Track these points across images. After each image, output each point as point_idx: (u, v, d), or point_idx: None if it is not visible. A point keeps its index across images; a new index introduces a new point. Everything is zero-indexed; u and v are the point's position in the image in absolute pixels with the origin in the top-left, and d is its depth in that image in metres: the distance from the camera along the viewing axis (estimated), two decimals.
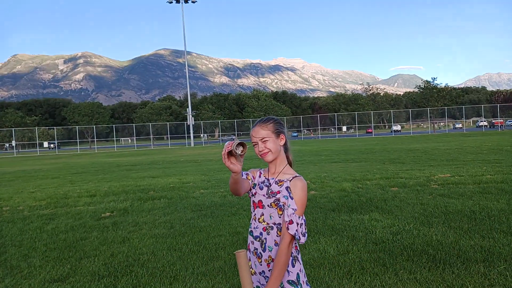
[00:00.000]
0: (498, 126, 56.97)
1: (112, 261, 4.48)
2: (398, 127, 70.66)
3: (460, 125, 68.53)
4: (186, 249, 4.87)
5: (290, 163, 2.05)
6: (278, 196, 1.89)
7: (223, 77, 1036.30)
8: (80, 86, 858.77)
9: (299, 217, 1.81)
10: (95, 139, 60.72)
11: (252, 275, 1.97)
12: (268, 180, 1.98)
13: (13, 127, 65.41)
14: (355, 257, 4.17)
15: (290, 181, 1.90)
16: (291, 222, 1.80)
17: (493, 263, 3.83)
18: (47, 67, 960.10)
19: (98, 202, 8.58)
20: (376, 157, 17.59)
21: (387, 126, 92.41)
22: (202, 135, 65.88)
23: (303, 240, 1.81)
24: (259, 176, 2.04)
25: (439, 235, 4.80)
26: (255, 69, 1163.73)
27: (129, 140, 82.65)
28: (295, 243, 1.91)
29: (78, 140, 57.94)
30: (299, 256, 1.92)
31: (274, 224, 1.89)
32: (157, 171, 15.86)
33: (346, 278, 3.64)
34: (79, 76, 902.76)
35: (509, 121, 66.58)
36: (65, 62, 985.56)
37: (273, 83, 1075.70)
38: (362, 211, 6.34)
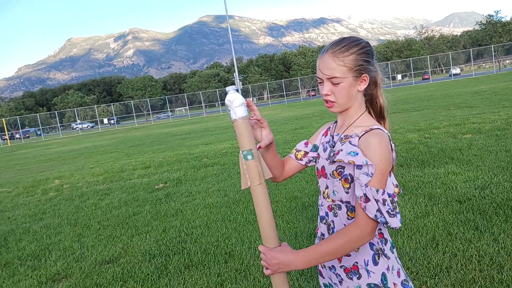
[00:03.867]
0: None
1: (164, 238, 4.20)
2: (457, 70, 65.24)
3: None
4: (241, 219, 4.48)
5: (378, 111, 1.30)
6: (339, 157, 1.21)
7: (267, 38, 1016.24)
8: (132, 62, 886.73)
9: (377, 191, 1.10)
10: (150, 112, 62.55)
11: (322, 268, 1.38)
12: (332, 138, 1.32)
13: (75, 107, 69.39)
14: (438, 220, 3.53)
15: (360, 137, 1.18)
16: (366, 199, 1.11)
17: None
18: (99, 47, 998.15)
19: (152, 174, 8.49)
20: (439, 103, 16.15)
21: (444, 71, 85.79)
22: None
23: (393, 223, 1.10)
24: (325, 135, 1.40)
25: None
26: (299, 25, 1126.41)
27: (183, 110, 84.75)
28: (380, 230, 1.24)
29: (134, 114, 59.96)
30: (386, 247, 1.24)
31: (342, 202, 1.24)
32: (210, 138, 15.74)
33: (431, 247, 3.04)
34: (130, 53, 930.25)
35: None
36: (115, 40, 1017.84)
37: (318, 37, 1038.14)
38: (436, 164, 5.58)
